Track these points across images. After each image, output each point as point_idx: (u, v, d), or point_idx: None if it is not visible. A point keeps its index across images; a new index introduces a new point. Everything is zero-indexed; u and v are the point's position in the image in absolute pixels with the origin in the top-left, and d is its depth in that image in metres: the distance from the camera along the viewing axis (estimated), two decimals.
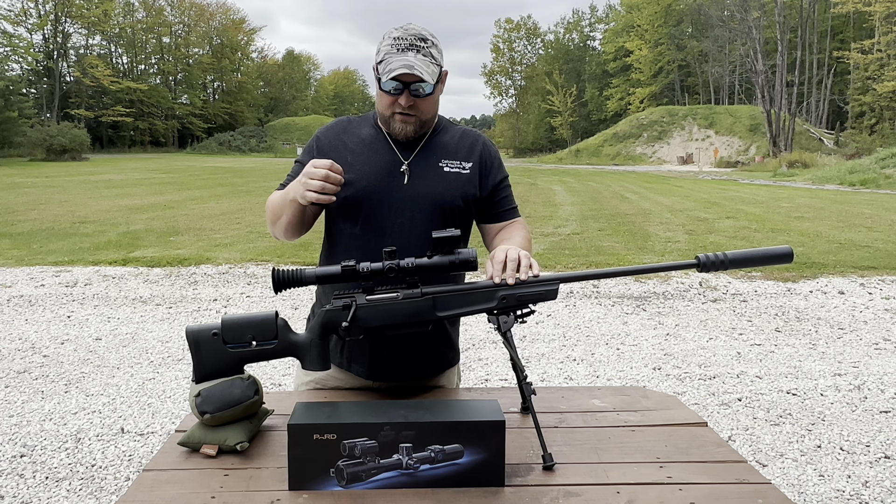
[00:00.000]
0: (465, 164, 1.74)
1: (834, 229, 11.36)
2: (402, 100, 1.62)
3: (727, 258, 1.42)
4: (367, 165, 1.69)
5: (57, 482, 2.97)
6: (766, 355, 4.93)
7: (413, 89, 1.61)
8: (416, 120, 1.67)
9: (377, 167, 1.69)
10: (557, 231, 11.13)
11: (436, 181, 1.70)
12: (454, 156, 1.74)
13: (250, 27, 78.65)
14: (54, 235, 10.11)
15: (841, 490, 2.98)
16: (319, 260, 1.85)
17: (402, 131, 1.67)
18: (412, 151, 1.72)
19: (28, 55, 51.97)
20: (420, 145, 1.73)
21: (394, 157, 1.70)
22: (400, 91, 1.61)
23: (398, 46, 1.60)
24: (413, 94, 1.62)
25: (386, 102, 1.66)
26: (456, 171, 1.72)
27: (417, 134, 1.70)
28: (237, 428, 1.41)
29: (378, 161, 1.70)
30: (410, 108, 1.64)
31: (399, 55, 1.58)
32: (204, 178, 24.21)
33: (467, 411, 1.31)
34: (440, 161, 1.72)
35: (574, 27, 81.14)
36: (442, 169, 1.71)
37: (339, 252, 1.71)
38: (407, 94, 1.61)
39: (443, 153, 1.73)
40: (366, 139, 1.74)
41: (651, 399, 1.73)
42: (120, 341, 5.12)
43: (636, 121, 55.51)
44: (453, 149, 1.75)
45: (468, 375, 4.40)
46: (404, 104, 1.62)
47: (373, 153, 1.71)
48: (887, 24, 43.32)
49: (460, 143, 1.77)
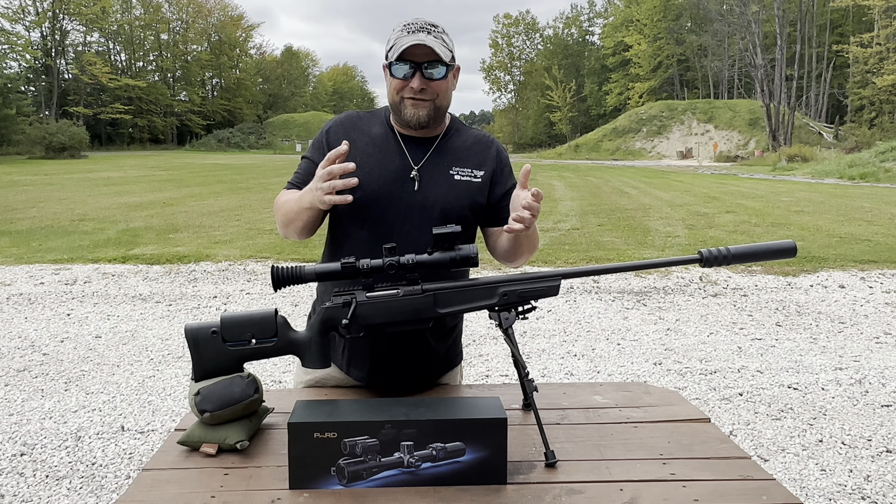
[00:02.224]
0: (477, 171, 1.69)
1: (834, 223, 11.35)
2: (415, 82, 1.57)
3: (730, 253, 1.41)
4: (377, 168, 1.64)
5: (57, 481, 2.97)
6: (767, 350, 4.92)
7: (426, 72, 1.57)
8: (430, 104, 1.61)
9: (387, 171, 1.64)
10: (557, 226, 11.12)
11: (445, 189, 1.65)
12: (465, 162, 1.69)
13: (248, 23, 78.55)
14: (53, 233, 10.09)
15: (843, 484, 2.98)
16: (321, 259, 1.82)
17: (415, 116, 1.61)
18: (423, 155, 1.67)
19: (26, 52, 51.74)
20: (432, 148, 1.68)
21: (404, 162, 1.66)
22: (412, 74, 1.57)
23: (409, 29, 1.58)
24: (426, 76, 1.57)
25: (396, 87, 1.61)
26: (467, 180, 1.67)
27: (430, 121, 1.63)
28: (237, 426, 1.40)
29: (388, 164, 1.65)
30: (423, 92, 1.59)
31: (410, 35, 1.56)
32: (203, 176, 24.18)
33: (469, 409, 1.30)
34: (451, 168, 1.67)
35: (573, 22, 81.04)
36: (452, 177, 1.67)
37: (342, 254, 1.69)
38: (419, 75, 1.57)
39: (454, 160, 1.69)
40: (376, 139, 1.69)
41: (653, 395, 1.72)
42: (120, 339, 5.11)
43: (635, 116, 55.49)
44: (465, 155, 1.70)
45: (469, 371, 4.39)
46: (416, 86, 1.57)
47: (383, 155, 1.66)
48: (886, 18, 43.23)
49: (472, 149, 1.72)
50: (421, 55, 1.56)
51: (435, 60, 1.57)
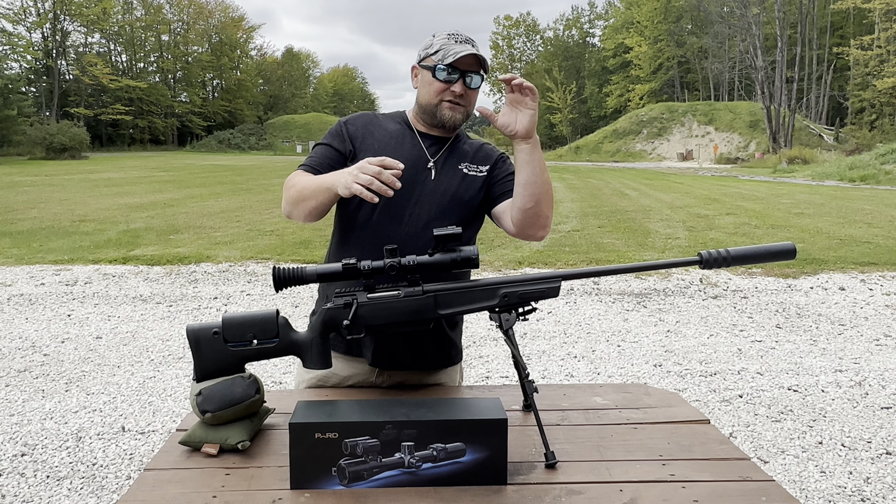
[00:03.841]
0: (482, 167, 1.80)
1: (834, 225, 11.35)
2: (457, 87, 1.68)
3: (729, 255, 1.42)
4: (395, 154, 1.69)
5: (58, 481, 2.97)
6: (767, 352, 4.93)
7: (467, 79, 1.68)
8: (465, 109, 1.73)
9: (404, 157, 1.70)
10: (558, 228, 11.12)
11: (458, 181, 1.76)
12: (473, 160, 1.81)
13: (249, 25, 78.65)
14: (54, 234, 10.10)
15: (843, 486, 2.98)
16: (328, 248, 1.86)
17: (451, 118, 1.72)
18: (438, 151, 1.77)
19: (27, 53, 51.87)
20: (446, 146, 1.78)
21: (421, 154, 1.75)
22: (455, 79, 1.67)
23: (456, 39, 1.68)
24: (467, 83, 1.68)
25: (437, 89, 1.70)
26: (474, 174, 1.79)
27: (461, 124, 1.76)
28: (238, 427, 1.41)
29: (406, 153, 1.73)
30: (461, 98, 1.70)
31: (459, 45, 1.66)
32: (203, 176, 24.19)
33: (469, 409, 1.30)
34: (461, 163, 1.79)
35: (573, 24, 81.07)
36: (463, 171, 1.78)
37: (351, 240, 1.72)
38: (462, 82, 1.68)
39: (464, 158, 1.80)
40: (393, 133, 1.78)
41: (653, 396, 1.73)
42: (120, 340, 5.12)
43: (636, 117, 55.49)
44: (472, 156, 1.82)
45: (469, 373, 4.40)
46: (458, 91, 1.68)
47: (400, 146, 1.75)
48: (887, 21, 43.27)
49: (479, 151, 1.84)
50: (466, 64, 1.67)
51: (475, 71, 1.69)
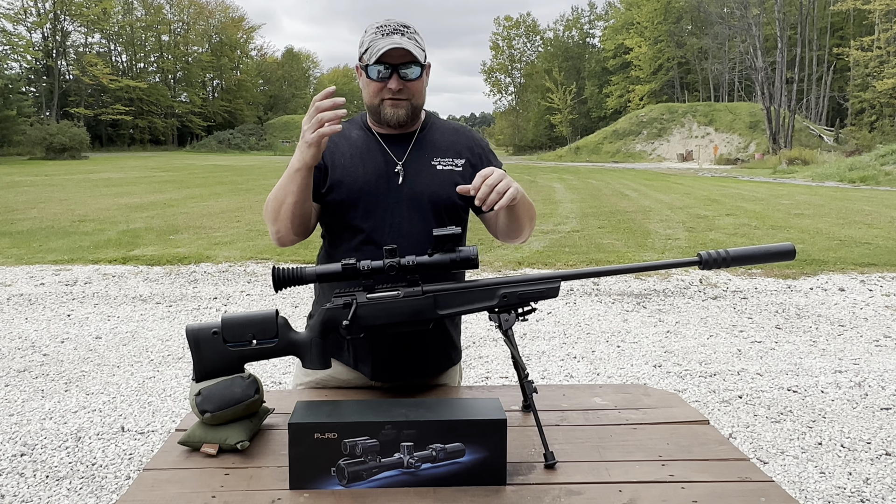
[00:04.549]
0: (457, 160, 1.74)
1: (834, 226, 11.36)
2: (392, 83, 1.62)
3: (729, 255, 1.41)
4: (361, 168, 1.69)
5: (57, 481, 2.97)
6: (767, 352, 4.93)
7: (402, 72, 1.61)
8: (408, 104, 1.66)
9: (371, 168, 1.68)
10: (557, 228, 11.12)
11: (430, 179, 1.70)
12: (445, 153, 1.74)
13: (250, 25, 78.64)
14: (54, 234, 10.10)
15: (842, 487, 2.98)
16: (317, 261, 1.83)
17: (394, 116, 1.66)
18: (404, 151, 1.71)
19: (27, 53, 51.82)
20: (411, 143, 1.72)
21: (387, 158, 1.70)
22: (388, 76, 1.61)
23: (383, 32, 1.61)
24: (402, 77, 1.62)
25: (374, 90, 1.65)
26: (449, 169, 1.72)
27: (409, 120, 1.68)
28: (238, 427, 1.41)
29: (372, 163, 1.69)
30: (400, 93, 1.63)
31: (385, 38, 1.59)
32: (203, 177, 24.18)
33: (468, 410, 1.30)
34: (433, 159, 1.72)
35: (573, 24, 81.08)
36: (435, 167, 1.71)
37: (338, 253, 1.70)
38: (396, 77, 1.62)
39: (435, 151, 1.73)
40: (356, 142, 1.73)
41: (652, 397, 1.73)
42: (120, 340, 5.12)
43: (636, 118, 55.50)
44: (444, 147, 1.75)
45: (469, 373, 4.40)
46: (394, 87, 1.62)
47: (365, 156, 1.70)
48: (887, 22, 43.27)
49: (450, 140, 1.77)
50: (397, 57, 1.60)
51: (410, 62, 1.61)
